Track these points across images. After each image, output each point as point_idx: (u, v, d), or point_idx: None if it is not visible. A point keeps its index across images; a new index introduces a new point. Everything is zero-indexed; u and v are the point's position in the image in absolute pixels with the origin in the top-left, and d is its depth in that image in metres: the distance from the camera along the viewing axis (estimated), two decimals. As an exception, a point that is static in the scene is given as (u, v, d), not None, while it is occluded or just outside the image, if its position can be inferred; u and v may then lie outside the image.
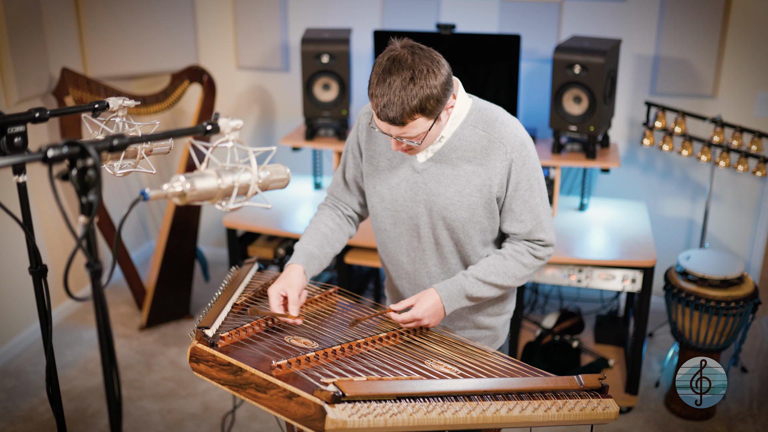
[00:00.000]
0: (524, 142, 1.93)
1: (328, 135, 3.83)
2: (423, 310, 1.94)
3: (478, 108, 1.96)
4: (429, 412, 1.62)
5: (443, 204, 1.97)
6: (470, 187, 1.95)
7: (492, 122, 1.94)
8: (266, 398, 1.67)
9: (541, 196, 1.98)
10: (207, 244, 4.78)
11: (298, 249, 2.07)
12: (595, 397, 1.77)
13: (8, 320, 3.71)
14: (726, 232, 3.95)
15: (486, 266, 1.99)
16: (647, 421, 3.28)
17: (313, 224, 2.16)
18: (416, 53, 1.77)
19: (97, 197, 1.20)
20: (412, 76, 1.74)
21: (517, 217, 1.97)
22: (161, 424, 3.23)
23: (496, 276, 1.98)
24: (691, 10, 3.65)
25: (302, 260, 2.03)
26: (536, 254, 2.01)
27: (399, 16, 4.04)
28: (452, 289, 1.97)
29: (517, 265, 2.00)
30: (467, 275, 1.98)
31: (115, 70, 4.12)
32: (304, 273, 2.01)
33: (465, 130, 1.94)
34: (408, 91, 1.74)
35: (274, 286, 1.96)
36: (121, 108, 1.89)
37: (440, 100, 1.79)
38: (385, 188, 2.04)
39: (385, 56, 1.80)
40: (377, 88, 1.78)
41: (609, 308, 4.10)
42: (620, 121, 3.92)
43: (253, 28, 4.26)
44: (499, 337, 2.20)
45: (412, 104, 1.75)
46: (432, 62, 1.77)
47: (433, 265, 2.08)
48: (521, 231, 1.99)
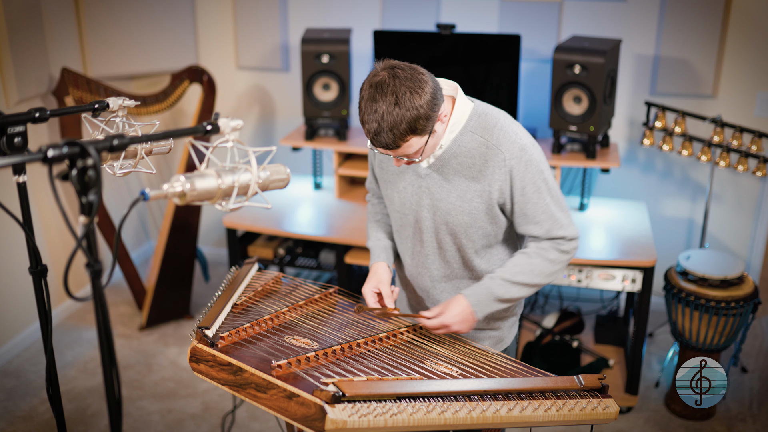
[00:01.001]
0: (524, 147, 1.92)
1: (328, 135, 3.83)
2: (451, 316, 1.94)
3: (478, 113, 1.95)
4: (429, 412, 1.62)
5: (446, 209, 1.98)
6: (471, 193, 1.95)
7: (491, 128, 1.93)
8: (266, 398, 1.68)
9: (551, 195, 1.96)
10: (207, 244, 4.78)
11: (373, 247, 2.17)
12: (595, 397, 1.77)
13: (8, 320, 3.71)
14: (726, 232, 3.95)
15: (512, 266, 1.98)
16: (647, 421, 3.28)
17: (373, 218, 2.25)
18: (397, 76, 1.76)
19: (97, 197, 1.20)
20: (396, 101, 1.74)
21: (531, 219, 1.97)
22: (161, 424, 3.23)
23: (523, 275, 1.97)
24: (691, 10, 3.65)
25: (383, 256, 2.13)
26: (561, 248, 1.99)
27: (399, 16, 4.04)
28: (480, 294, 1.96)
29: (543, 262, 1.98)
30: (494, 278, 1.97)
31: (115, 70, 4.12)
32: (389, 268, 2.10)
33: (464, 136, 1.94)
34: (395, 115, 1.74)
35: (367, 285, 2.05)
36: (121, 108, 1.89)
37: (429, 117, 1.79)
38: (394, 192, 2.07)
39: (367, 83, 1.79)
40: (366, 116, 1.78)
41: (609, 308, 4.10)
42: (620, 121, 3.92)
43: (253, 28, 4.26)
44: (505, 339, 2.20)
45: (401, 128, 1.76)
46: (414, 82, 1.76)
47: (435, 268, 2.09)
48: (539, 232, 1.98)
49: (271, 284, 2.19)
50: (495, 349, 2.18)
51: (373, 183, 2.26)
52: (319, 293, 2.16)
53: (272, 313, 1.98)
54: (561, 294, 4.22)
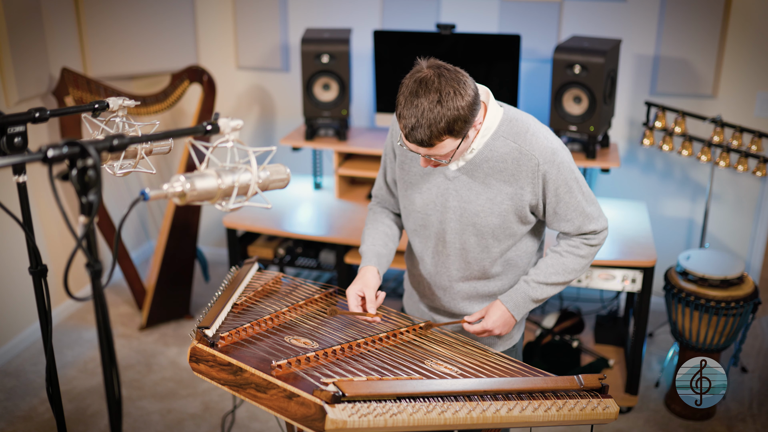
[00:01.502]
0: (555, 150, 1.95)
1: (328, 135, 3.83)
2: (492, 321, 2.03)
3: (509, 119, 1.98)
4: (429, 412, 1.62)
5: (474, 211, 2.00)
6: (501, 196, 1.98)
7: (523, 134, 1.96)
8: (266, 398, 1.68)
9: (581, 192, 2.00)
10: (207, 244, 4.78)
11: (366, 251, 2.15)
12: (595, 397, 1.77)
13: (8, 320, 3.71)
14: (726, 232, 3.95)
15: (545, 268, 2.05)
16: (647, 421, 3.28)
17: (372, 224, 2.23)
18: (443, 75, 1.78)
19: (97, 197, 1.20)
20: (439, 99, 1.76)
21: (563, 217, 2.01)
22: (161, 424, 3.23)
23: (557, 275, 2.04)
24: (691, 10, 3.65)
25: (374, 261, 2.11)
26: (591, 243, 2.05)
27: (399, 16, 4.04)
28: (518, 298, 2.04)
29: (575, 260, 2.05)
30: (528, 281, 2.04)
31: (115, 70, 4.12)
32: (378, 273, 2.09)
33: (496, 141, 1.96)
34: (435, 113, 1.76)
35: (352, 287, 2.04)
36: (121, 108, 1.89)
37: (468, 120, 1.80)
38: (416, 193, 2.08)
39: (411, 78, 1.81)
40: (405, 110, 1.79)
41: (609, 308, 4.10)
42: (620, 121, 3.92)
43: (253, 28, 4.27)
44: (513, 336, 2.23)
45: (440, 126, 1.77)
46: (458, 83, 1.78)
47: (455, 269, 2.11)
48: (571, 229, 2.03)
49: (271, 284, 2.19)
50: (504, 346, 2.21)
51: (383, 189, 2.25)
52: (319, 293, 2.16)
53: (272, 313, 1.99)
54: (561, 294, 4.22)
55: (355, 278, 2.08)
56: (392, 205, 2.26)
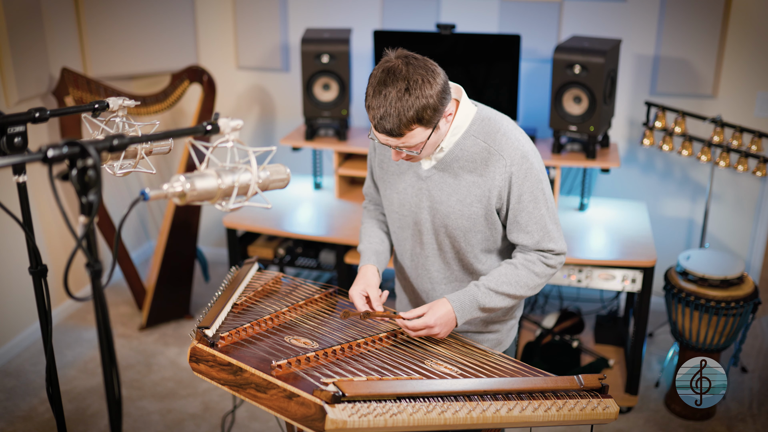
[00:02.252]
0: (526, 155, 1.91)
1: (328, 135, 3.83)
2: (435, 318, 1.91)
3: (482, 118, 1.95)
4: (429, 412, 1.62)
5: (445, 212, 1.98)
6: (471, 198, 1.94)
7: (494, 134, 1.92)
8: (266, 398, 1.68)
9: (546, 207, 1.95)
10: (207, 244, 4.78)
11: (364, 250, 2.14)
12: (595, 397, 1.77)
13: (8, 320, 3.71)
14: (726, 232, 3.95)
15: (498, 276, 1.97)
16: (647, 421, 3.28)
17: (368, 222, 2.24)
18: (410, 63, 1.77)
19: (97, 197, 1.20)
20: (407, 86, 1.74)
21: (523, 228, 1.96)
22: (161, 424, 3.23)
23: (509, 285, 1.96)
24: (691, 10, 3.65)
25: (372, 260, 2.11)
26: (548, 263, 1.99)
27: (399, 16, 4.04)
28: (465, 300, 1.95)
29: (529, 275, 1.97)
30: (479, 286, 1.96)
31: (115, 70, 4.12)
32: (378, 271, 2.08)
33: (467, 140, 1.93)
34: (404, 102, 1.74)
35: (355, 287, 2.01)
36: (121, 108, 1.89)
37: (437, 109, 1.78)
38: (394, 192, 2.06)
39: (379, 68, 1.80)
40: (373, 100, 1.78)
41: (609, 308, 4.10)
42: (620, 121, 3.92)
43: (253, 28, 4.26)
44: (503, 341, 2.19)
45: (409, 115, 1.75)
46: (427, 71, 1.76)
47: (435, 270, 2.08)
48: (529, 242, 1.97)
49: (271, 284, 2.19)
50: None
51: (371, 188, 2.24)
52: (319, 293, 2.16)
53: (272, 313, 1.99)
54: (561, 294, 4.22)
55: (356, 278, 2.06)
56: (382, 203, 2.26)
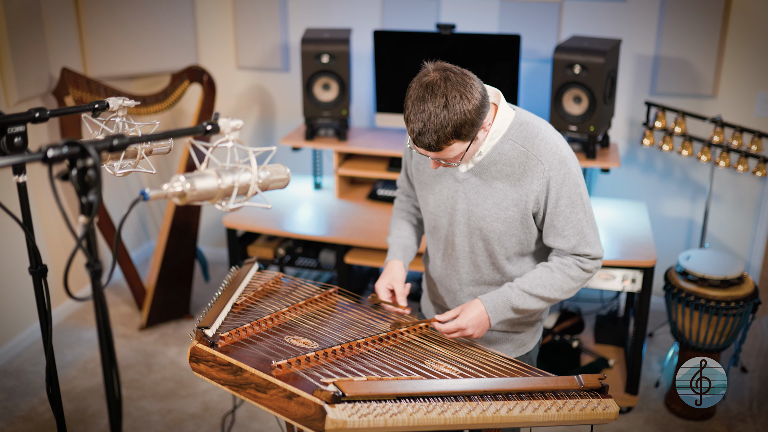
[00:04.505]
0: (564, 159, 1.91)
1: (328, 135, 3.83)
2: (467, 319, 1.93)
3: (520, 122, 1.95)
4: (429, 412, 1.62)
5: (481, 215, 1.98)
6: (507, 201, 1.95)
7: (532, 138, 1.92)
8: (266, 398, 1.68)
9: (584, 211, 1.95)
10: (207, 244, 4.78)
11: (392, 243, 2.19)
12: (595, 397, 1.77)
13: (8, 320, 3.71)
14: (726, 232, 3.95)
15: (532, 278, 1.97)
16: (647, 421, 3.28)
17: (398, 214, 2.27)
18: (449, 78, 1.76)
19: (97, 197, 1.20)
20: (445, 103, 1.74)
21: (559, 232, 1.95)
22: (161, 424, 3.23)
23: (543, 288, 1.96)
24: (691, 10, 3.65)
25: (399, 254, 2.16)
26: (584, 267, 1.98)
27: (399, 16, 4.04)
28: (498, 301, 1.96)
29: (564, 278, 1.97)
30: (513, 287, 1.97)
31: (115, 70, 4.12)
32: (404, 266, 2.12)
33: (505, 144, 1.93)
34: (442, 118, 1.74)
35: (381, 281, 2.07)
36: (121, 108, 1.89)
37: (475, 123, 1.79)
38: (430, 194, 2.07)
39: (418, 82, 1.79)
40: (412, 115, 1.78)
41: (609, 308, 4.10)
42: (620, 121, 3.92)
43: (253, 28, 4.26)
44: (527, 343, 2.19)
45: (447, 131, 1.76)
46: (465, 87, 1.76)
47: (465, 273, 2.09)
48: (565, 246, 1.97)
49: (271, 284, 2.19)
50: (517, 353, 2.17)
51: (404, 182, 2.26)
52: (319, 293, 2.16)
53: (272, 313, 1.99)
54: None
55: (383, 272, 2.12)
56: (415, 197, 2.27)
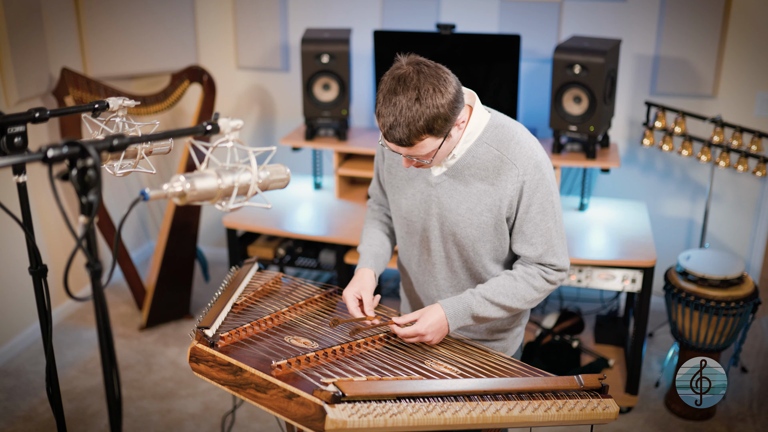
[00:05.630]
0: (539, 165, 1.87)
1: (328, 135, 3.83)
2: (427, 325, 1.88)
3: (495, 125, 1.91)
4: (429, 412, 1.62)
5: (454, 220, 1.94)
6: (481, 206, 1.91)
7: (507, 141, 1.88)
8: (266, 398, 1.68)
9: (554, 220, 1.92)
10: (207, 244, 4.78)
11: (363, 252, 2.12)
12: (595, 397, 1.77)
13: (8, 320, 3.71)
14: (726, 232, 3.95)
15: (495, 286, 1.93)
16: (647, 421, 3.28)
17: (370, 223, 2.21)
18: (422, 71, 1.72)
19: (97, 197, 1.20)
20: (417, 96, 1.70)
21: (527, 239, 1.92)
22: (161, 424, 3.23)
23: (505, 297, 1.93)
24: (691, 10, 3.65)
25: (371, 263, 2.09)
26: (548, 278, 1.95)
27: (399, 16, 4.04)
28: (458, 307, 1.91)
29: (527, 288, 1.94)
30: (475, 294, 1.93)
31: (115, 70, 4.12)
32: (375, 276, 2.06)
33: (479, 148, 1.89)
34: (414, 111, 1.70)
35: (349, 289, 2.00)
36: (121, 108, 1.89)
37: (448, 118, 1.74)
38: (402, 198, 2.03)
39: (390, 75, 1.75)
40: (383, 108, 1.74)
41: (609, 308, 4.10)
42: (620, 121, 3.92)
43: (253, 28, 4.26)
44: (508, 349, 2.17)
45: (419, 125, 1.71)
46: (438, 80, 1.72)
47: (442, 278, 2.06)
48: (532, 254, 1.93)
49: (271, 284, 2.19)
50: None
51: (376, 189, 2.22)
52: (319, 293, 2.16)
53: (272, 313, 1.99)
54: (561, 294, 4.22)
55: (352, 279, 2.05)
56: (387, 205, 2.23)
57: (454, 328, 1.92)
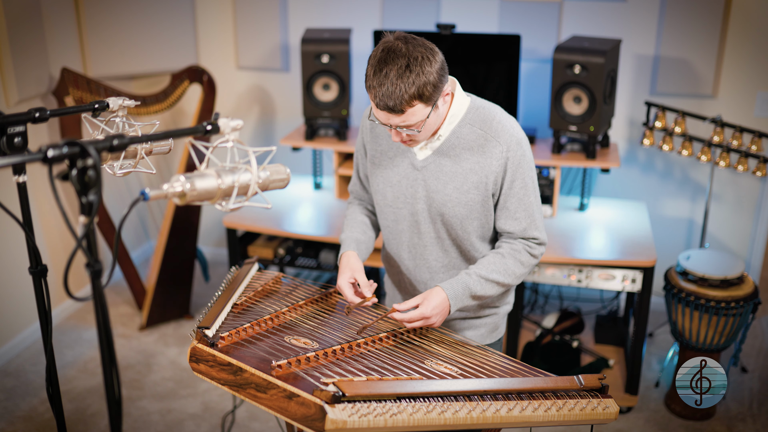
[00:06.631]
0: (520, 141, 1.97)
1: (328, 135, 3.83)
2: (431, 308, 1.92)
3: (476, 107, 2.00)
4: (429, 412, 1.62)
5: (441, 200, 2.00)
6: (468, 184, 1.98)
7: (489, 121, 1.97)
8: (266, 398, 1.68)
9: (535, 195, 2.02)
10: (207, 244, 4.78)
11: (344, 239, 2.15)
12: (595, 397, 1.77)
13: (8, 320, 3.71)
14: (726, 232, 3.95)
15: (487, 264, 2.01)
16: (647, 421, 3.28)
17: (350, 216, 2.24)
18: (410, 42, 1.81)
19: (97, 197, 1.20)
20: (407, 63, 1.77)
21: (512, 214, 2.01)
22: (161, 424, 3.23)
23: (498, 274, 2.00)
24: (691, 10, 3.65)
25: (353, 246, 2.10)
26: (532, 252, 2.04)
27: (399, 16, 4.04)
28: (458, 288, 1.97)
29: (515, 263, 2.02)
30: (470, 274, 1.99)
31: (115, 70, 4.12)
32: (358, 257, 2.08)
33: (463, 129, 1.98)
34: (405, 78, 1.77)
35: (341, 277, 2.01)
36: (121, 108, 1.89)
37: (437, 85, 1.82)
38: (387, 186, 2.08)
39: (379, 48, 1.83)
40: (374, 79, 1.80)
41: (609, 308, 4.10)
42: (620, 121, 3.92)
43: (253, 28, 4.26)
44: (500, 327, 2.23)
45: (410, 91, 1.78)
46: (426, 49, 1.81)
47: (434, 259, 2.10)
48: (516, 229, 2.02)
49: (271, 284, 2.19)
50: (490, 337, 2.21)
51: (357, 185, 2.27)
52: (319, 293, 2.16)
53: (272, 313, 1.99)
54: (561, 294, 4.22)
55: (340, 268, 2.05)
56: (368, 200, 2.28)
57: (455, 309, 1.98)
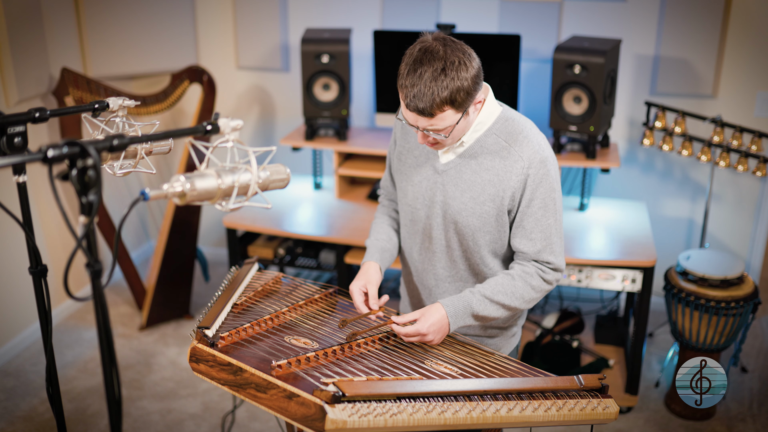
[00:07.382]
0: (545, 160, 1.89)
1: (328, 135, 3.83)
2: (428, 325, 1.87)
3: (506, 117, 1.94)
4: (429, 412, 1.62)
5: (457, 208, 1.96)
6: (484, 196, 1.92)
7: (516, 134, 1.91)
8: (266, 398, 1.68)
9: (555, 218, 1.93)
10: (207, 244, 4.78)
11: (370, 246, 2.13)
12: (595, 397, 1.77)
13: (8, 320, 3.71)
14: (726, 232, 3.95)
15: (494, 285, 1.93)
16: (647, 421, 3.28)
17: (379, 217, 2.23)
18: (448, 45, 1.76)
19: (97, 197, 1.20)
20: (443, 67, 1.73)
21: (527, 234, 1.93)
22: (161, 424, 3.23)
23: (504, 296, 1.93)
24: (691, 10, 3.65)
25: (376, 257, 2.09)
26: (545, 277, 1.95)
27: (399, 16, 4.04)
28: (459, 306, 1.91)
29: (525, 287, 1.94)
30: (474, 292, 1.93)
31: (115, 70, 4.12)
32: (380, 269, 2.06)
33: (488, 138, 1.93)
34: (439, 82, 1.73)
35: (355, 282, 2.01)
36: (121, 108, 1.89)
37: (470, 93, 1.78)
38: (409, 185, 2.05)
39: (416, 47, 1.78)
40: (407, 79, 1.76)
41: (609, 308, 4.10)
42: (620, 121, 3.92)
43: (253, 28, 4.26)
44: (502, 348, 2.17)
45: (443, 96, 1.74)
46: (464, 54, 1.76)
47: (441, 267, 2.07)
48: (530, 250, 1.94)
49: (271, 284, 2.19)
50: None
51: (388, 181, 2.24)
52: (319, 293, 2.16)
53: (272, 313, 1.99)
54: (561, 294, 4.22)
55: (358, 273, 2.05)
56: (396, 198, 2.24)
57: (455, 328, 1.92)
